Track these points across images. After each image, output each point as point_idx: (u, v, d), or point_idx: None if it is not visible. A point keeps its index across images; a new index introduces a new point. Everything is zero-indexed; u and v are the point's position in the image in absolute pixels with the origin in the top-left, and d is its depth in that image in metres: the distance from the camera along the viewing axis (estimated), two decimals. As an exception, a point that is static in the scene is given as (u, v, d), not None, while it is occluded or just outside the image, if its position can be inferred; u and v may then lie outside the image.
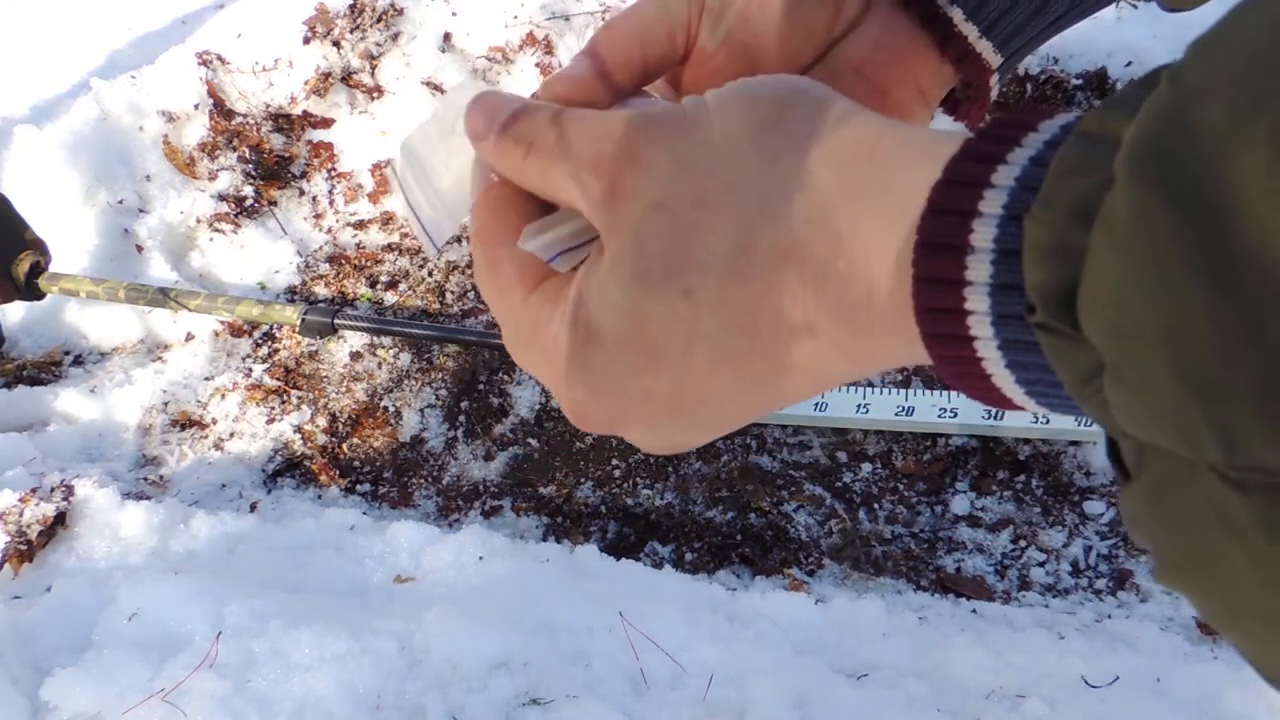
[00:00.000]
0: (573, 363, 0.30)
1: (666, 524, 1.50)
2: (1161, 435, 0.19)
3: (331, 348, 1.75)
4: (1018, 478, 1.48)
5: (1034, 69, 1.77)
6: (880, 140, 0.27)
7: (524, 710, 1.07)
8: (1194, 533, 0.20)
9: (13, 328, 1.78)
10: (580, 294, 0.29)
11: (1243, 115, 0.17)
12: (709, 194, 0.27)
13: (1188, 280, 0.18)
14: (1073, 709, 1.10)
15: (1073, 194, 0.20)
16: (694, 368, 0.28)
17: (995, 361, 0.24)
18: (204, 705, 1.04)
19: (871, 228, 0.25)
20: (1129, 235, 0.19)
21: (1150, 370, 0.19)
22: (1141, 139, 0.19)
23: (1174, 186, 0.18)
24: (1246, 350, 0.17)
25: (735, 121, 0.28)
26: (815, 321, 0.27)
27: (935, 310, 0.24)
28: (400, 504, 1.58)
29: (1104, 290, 0.20)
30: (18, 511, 1.35)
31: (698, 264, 0.27)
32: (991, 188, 0.23)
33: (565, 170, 0.29)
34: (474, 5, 1.92)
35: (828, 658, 1.19)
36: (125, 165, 1.88)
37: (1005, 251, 0.23)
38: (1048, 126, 0.24)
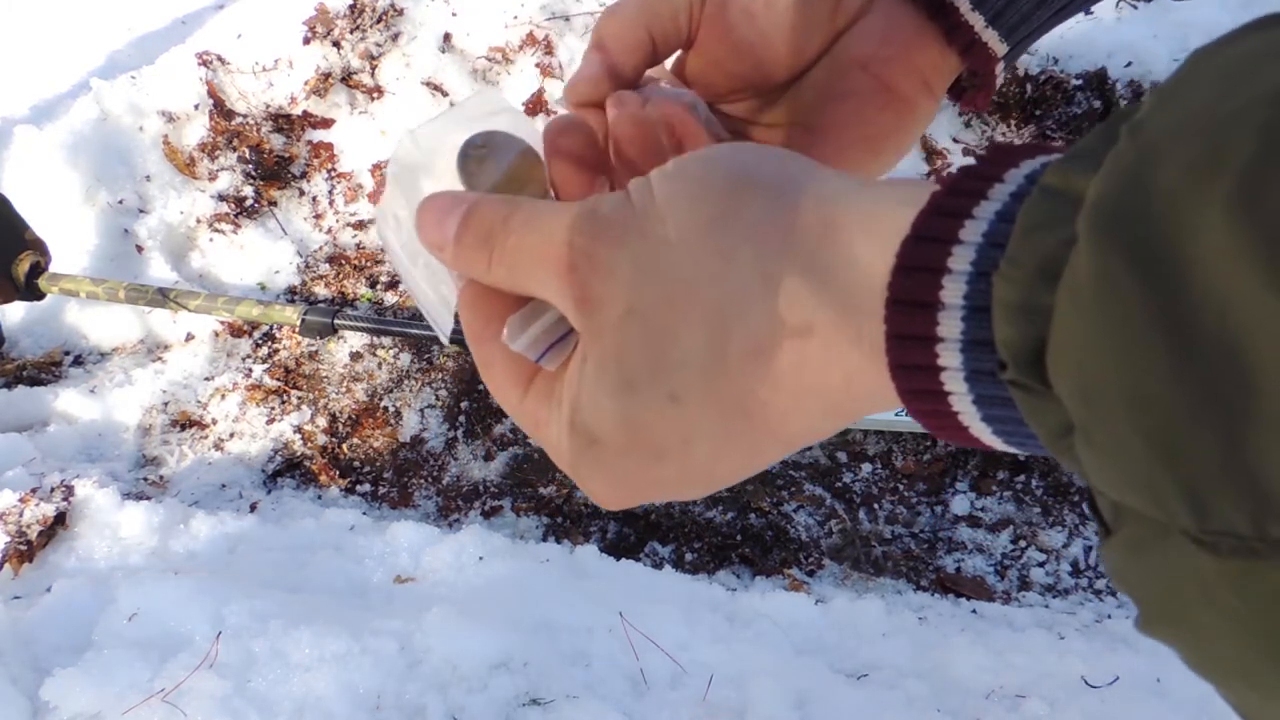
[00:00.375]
0: (579, 467, 0.31)
1: (666, 524, 1.50)
2: (1133, 497, 0.20)
3: (331, 348, 1.75)
4: (1018, 478, 1.48)
5: (1034, 69, 1.77)
6: (835, 215, 0.27)
7: (524, 710, 1.07)
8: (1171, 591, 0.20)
9: (13, 328, 1.78)
10: (573, 401, 0.30)
11: (1197, 178, 0.17)
12: (674, 296, 0.27)
13: (1150, 344, 0.18)
14: (1073, 709, 1.10)
15: (1039, 252, 0.21)
16: (696, 456, 0.29)
17: (971, 415, 0.24)
18: (204, 705, 1.04)
19: (836, 312, 0.26)
20: (1092, 297, 0.19)
21: (1118, 434, 0.19)
22: (1102, 199, 0.19)
23: (1134, 249, 0.18)
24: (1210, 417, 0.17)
25: (686, 218, 0.28)
26: (800, 400, 0.27)
27: (909, 367, 0.24)
28: (400, 504, 1.58)
29: (1069, 351, 0.20)
30: (18, 511, 1.35)
31: (677, 367, 0.28)
32: (960, 244, 0.23)
33: (532, 276, 0.30)
34: (474, 5, 1.92)
35: (828, 658, 1.19)
36: (125, 165, 1.88)
37: (975, 308, 0.23)
38: (1013, 177, 0.24)
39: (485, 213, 0.31)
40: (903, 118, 0.39)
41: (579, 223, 0.29)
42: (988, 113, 1.82)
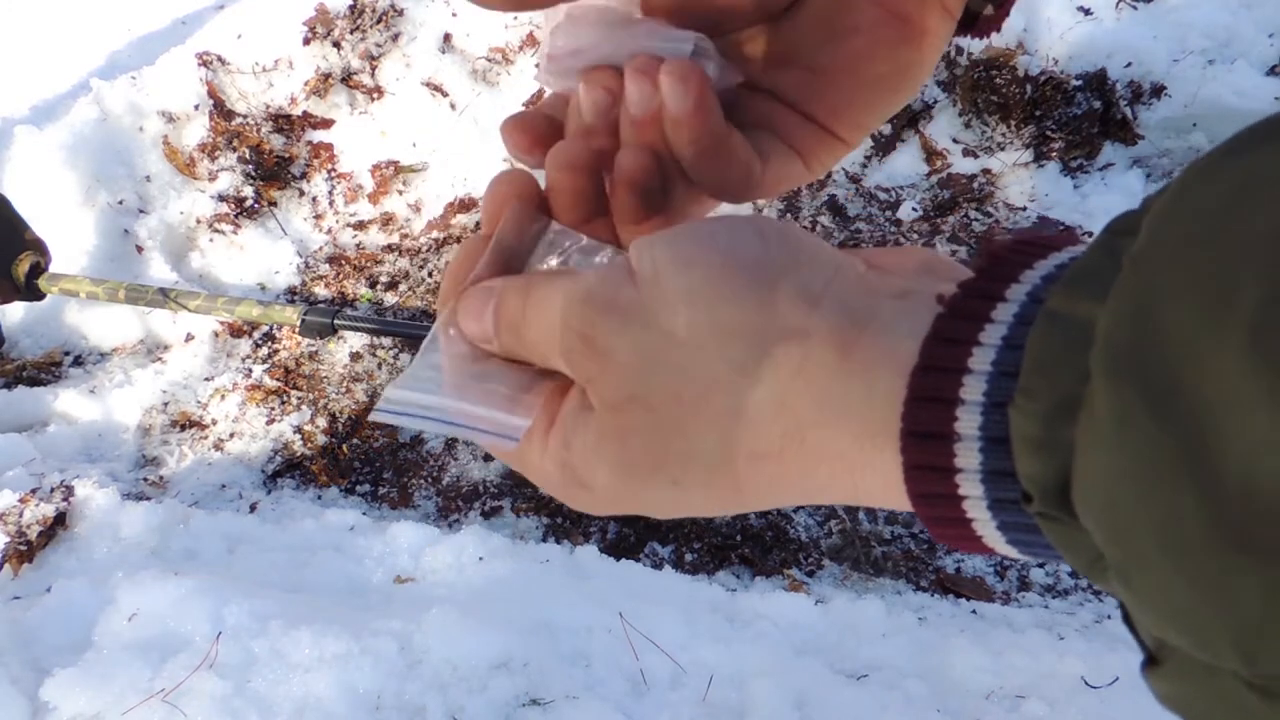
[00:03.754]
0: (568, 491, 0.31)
1: (666, 524, 1.50)
2: (1179, 639, 0.19)
3: (331, 348, 1.75)
4: (1017, 478, 1.48)
5: (1034, 70, 1.77)
6: (850, 339, 0.26)
7: (524, 710, 1.07)
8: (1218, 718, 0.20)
9: (13, 328, 1.78)
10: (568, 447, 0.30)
11: (1209, 322, 0.17)
12: (683, 395, 0.27)
13: (1178, 483, 0.18)
14: (1073, 709, 1.10)
15: (1054, 387, 0.20)
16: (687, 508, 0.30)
17: (996, 539, 0.24)
18: (204, 705, 1.04)
19: (850, 442, 0.26)
20: (1114, 437, 0.19)
21: (1155, 574, 0.19)
22: (1113, 337, 0.19)
23: (1150, 390, 0.18)
24: (1252, 559, 0.17)
25: (701, 318, 0.27)
26: (802, 492, 0.28)
27: (931, 495, 0.24)
28: (400, 504, 1.58)
29: (1095, 489, 0.20)
30: (18, 512, 1.35)
31: (681, 458, 0.28)
32: (970, 373, 0.23)
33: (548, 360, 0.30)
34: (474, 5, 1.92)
35: (828, 658, 1.19)
36: (125, 166, 1.88)
37: (992, 439, 0.23)
38: (1015, 295, 0.24)
39: (509, 304, 0.31)
40: (917, 49, 0.35)
41: (572, 307, 0.29)
42: (988, 114, 1.82)
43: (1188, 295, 0.17)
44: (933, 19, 0.35)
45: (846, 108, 0.35)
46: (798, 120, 0.35)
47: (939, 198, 1.83)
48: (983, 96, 1.80)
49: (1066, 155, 1.80)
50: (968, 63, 1.80)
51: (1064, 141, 1.79)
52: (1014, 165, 1.82)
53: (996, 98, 1.79)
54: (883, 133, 1.85)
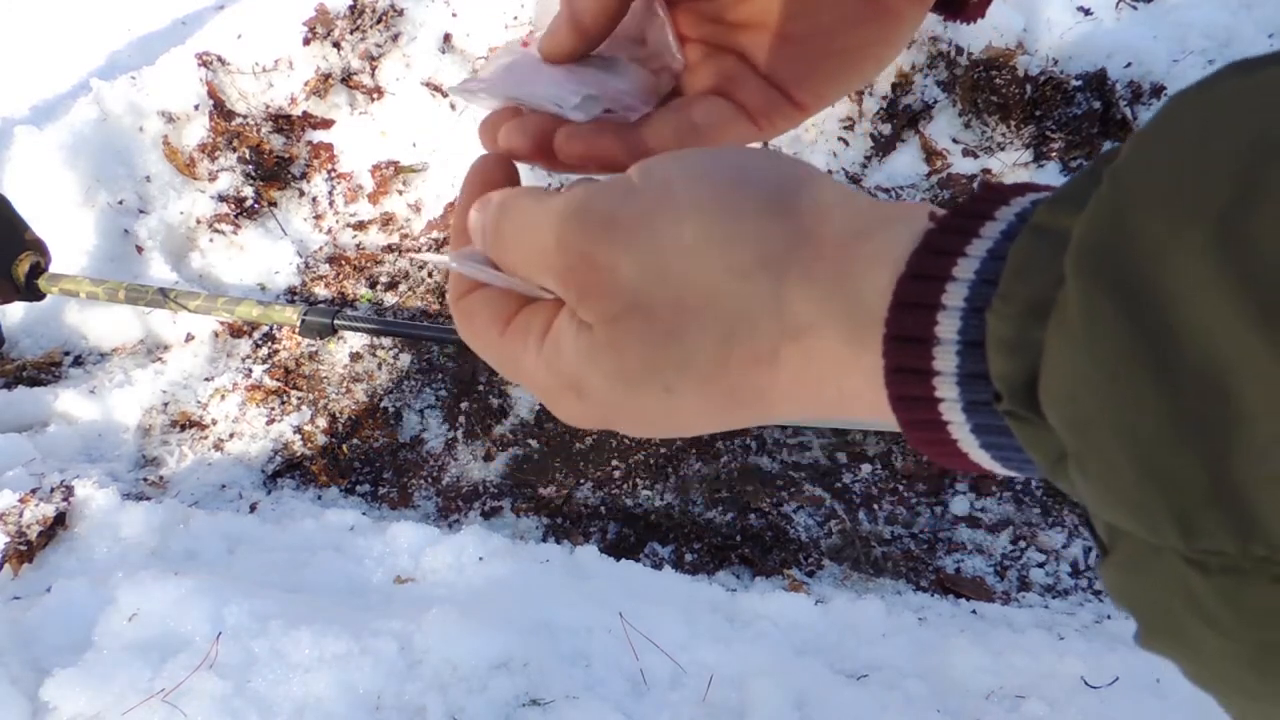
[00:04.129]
0: (558, 403, 0.32)
1: (666, 524, 1.50)
2: (1126, 521, 0.20)
3: (331, 348, 1.75)
4: (1017, 479, 1.49)
5: (1034, 70, 1.77)
6: (847, 247, 0.27)
7: (524, 710, 1.07)
8: (1167, 607, 0.21)
9: (13, 328, 1.78)
10: (556, 347, 0.31)
11: (1179, 223, 0.18)
12: (683, 302, 0.28)
13: (1136, 375, 0.19)
14: (1073, 709, 1.10)
15: (1029, 290, 0.22)
16: (676, 421, 0.31)
17: (970, 443, 0.25)
18: (204, 705, 1.04)
19: (840, 340, 0.27)
20: (1080, 333, 0.20)
21: (1108, 459, 0.20)
22: (1087, 239, 0.20)
23: (1118, 288, 0.19)
24: (1196, 445, 0.18)
25: (703, 227, 0.28)
26: (792, 401, 0.29)
27: (908, 398, 0.25)
28: (400, 504, 1.58)
29: (1060, 384, 0.21)
30: (18, 512, 1.35)
31: (676, 365, 0.29)
32: (953, 280, 0.24)
33: (538, 276, 0.31)
34: (474, 6, 1.93)
35: (828, 658, 1.19)
36: (125, 166, 1.88)
37: (970, 343, 0.24)
38: (1004, 215, 0.25)
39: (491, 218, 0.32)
40: (886, 30, 0.37)
41: (569, 222, 0.29)
42: (988, 114, 1.82)
43: (1159, 200, 0.19)
44: (903, 2, 0.36)
45: (809, 76, 0.37)
46: (759, 84, 0.37)
47: (939, 198, 1.83)
48: (983, 96, 1.80)
49: (1066, 155, 1.80)
50: (968, 63, 1.80)
51: (1064, 141, 1.79)
52: (1014, 165, 1.82)
53: (996, 98, 1.79)
54: (883, 133, 1.85)
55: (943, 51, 1.79)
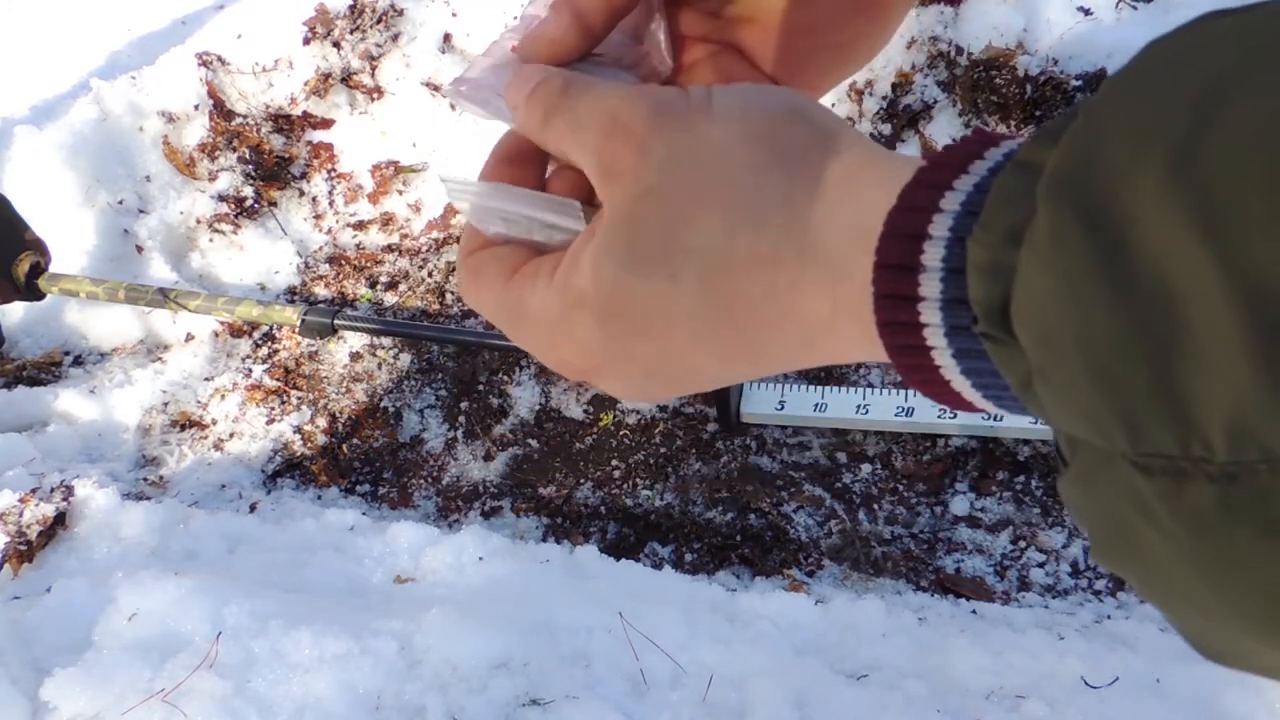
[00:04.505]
0: (558, 330, 0.33)
1: (666, 524, 1.50)
2: (1082, 428, 0.22)
3: (331, 348, 1.75)
4: (1017, 478, 1.48)
5: (1034, 70, 1.77)
6: (859, 170, 0.29)
7: (524, 710, 1.07)
8: (1117, 516, 0.22)
9: (13, 328, 1.78)
10: (572, 264, 0.32)
11: (1138, 148, 0.20)
12: (701, 190, 0.30)
13: (1094, 290, 0.20)
14: (1073, 709, 1.10)
15: (1007, 218, 0.23)
16: (673, 339, 0.31)
17: (952, 369, 0.27)
18: (204, 705, 1.04)
19: (839, 249, 0.28)
20: (1047, 253, 0.21)
21: (1068, 370, 0.21)
22: (1058, 169, 0.21)
23: (1082, 210, 0.20)
24: (1143, 351, 0.20)
25: (736, 126, 0.30)
26: (784, 320, 0.30)
27: (895, 324, 0.27)
28: (400, 504, 1.58)
29: (1029, 302, 0.22)
30: (18, 511, 1.35)
31: (684, 252, 0.30)
32: (940, 212, 0.26)
33: (575, 141, 0.32)
34: (474, 5, 1.92)
35: (828, 658, 1.19)
36: (125, 166, 1.88)
37: (953, 270, 0.25)
38: (992, 154, 0.26)
39: (552, 82, 0.33)
40: (876, 21, 0.39)
41: (630, 101, 0.31)
42: (988, 113, 1.82)
43: (1123, 129, 0.20)
44: None
45: (801, 69, 0.39)
46: (755, 76, 0.39)
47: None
48: (982, 96, 1.80)
49: (1066, 155, 1.80)
50: (968, 63, 1.80)
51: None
52: (1014, 165, 1.81)
53: (996, 98, 1.79)
54: (883, 133, 1.85)
55: (943, 51, 1.79)
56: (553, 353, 0.34)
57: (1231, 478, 0.19)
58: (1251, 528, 0.19)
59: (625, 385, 0.33)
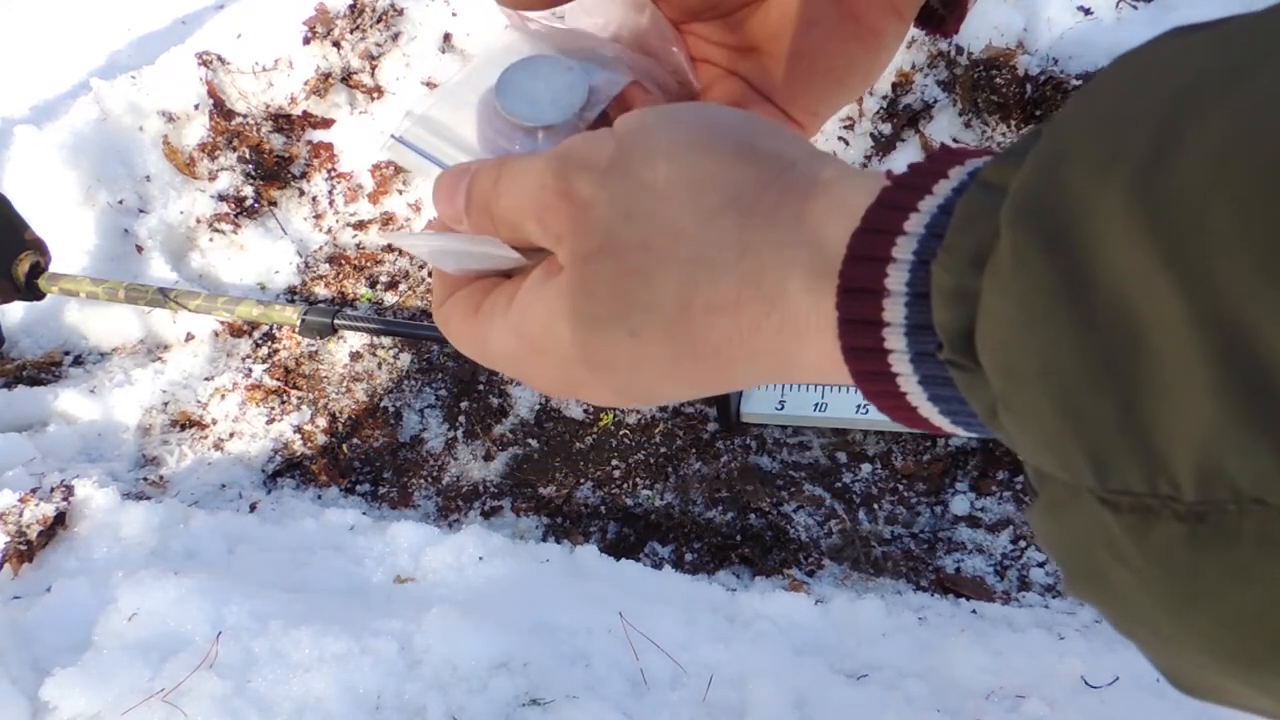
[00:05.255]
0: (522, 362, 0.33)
1: (666, 524, 1.50)
2: (1047, 461, 0.21)
3: (331, 348, 1.75)
4: (1017, 478, 1.48)
5: (1034, 69, 1.77)
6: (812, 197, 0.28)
7: (524, 710, 1.07)
8: (1086, 550, 0.21)
9: (13, 328, 1.78)
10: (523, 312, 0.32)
11: (1100, 171, 0.19)
12: (651, 241, 0.29)
13: (1058, 318, 0.20)
14: (1073, 709, 1.10)
15: (971, 241, 0.22)
16: (640, 379, 0.31)
17: (918, 395, 0.26)
18: (204, 705, 1.04)
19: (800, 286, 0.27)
20: (1009, 278, 0.21)
21: (1032, 402, 0.21)
22: (1020, 190, 0.21)
23: (1044, 233, 0.20)
24: (1108, 383, 0.19)
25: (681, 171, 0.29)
26: (752, 357, 0.29)
27: (860, 349, 0.26)
28: (400, 504, 1.58)
29: (992, 330, 0.21)
30: (18, 511, 1.35)
31: (642, 307, 0.29)
32: (904, 234, 0.25)
33: (521, 226, 0.32)
34: (474, 5, 1.92)
35: (828, 658, 1.19)
36: (125, 165, 1.88)
37: (918, 294, 0.25)
38: (956, 174, 0.25)
39: (481, 181, 0.33)
40: (870, 48, 0.38)
41: (551, 166, 0.30)
42: (988, 113, 1.82)
43: (1086, 150, 0.20)
44: (884, 20, 0.38)
45: (801, 95, 0.39)
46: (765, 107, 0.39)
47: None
48: (982, 96, 1.80)
49: (1066, 155, 1.80)
50: (968, 62, 1.80)
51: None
52: (1014, 165, 1.82)
53: (996, 97, 1.79)
54: (883, 132, 1.85)
55: (943, 51, 1.79)
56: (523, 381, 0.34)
57: (1200, 517, 0.18)
58: (1220, 567, 0.18)
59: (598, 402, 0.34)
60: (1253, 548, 0.18)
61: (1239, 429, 0.17)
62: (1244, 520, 0.18)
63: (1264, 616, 0.18)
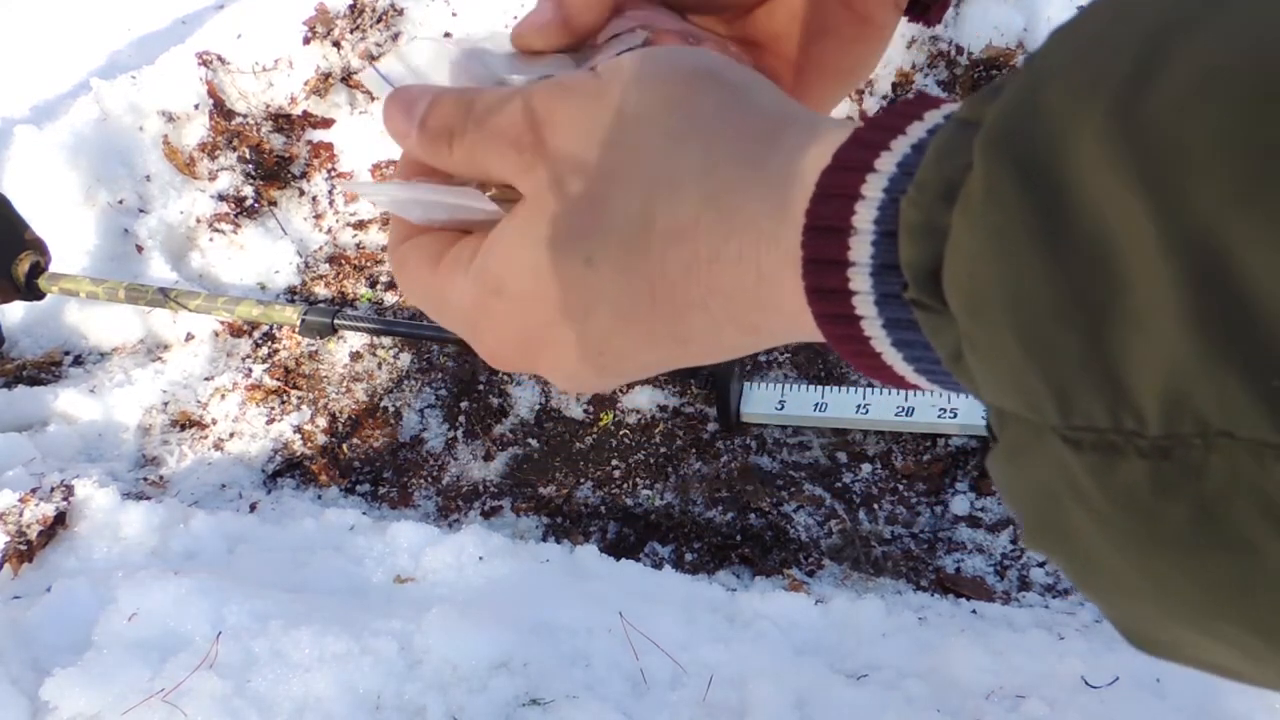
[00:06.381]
0: (477, 319, 0.32)
1: (666, 524, 1.50)
2: (1011, 400, 0.20)
3: (331, 348, 1.75)
4: (1018, 478, 1.48)
5: (1034, 69, 1.78)
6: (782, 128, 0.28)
7: (524, 710, 1.07)
8: (1047, 495, 0.20)
9: (13, 328, 1.78)
10: (488, 249, 0.31)
11: (1077, 99, 0.18)
12: (615, 166, 0.28)
13: (1028, 249, 0.19)
14: (1073, 709, 1.10)
15: (942, 176, 0.21)
16: (595, 324, 0.30)
17: (881, 340, 0.25)
18: (204, 705, 1.04)
19: (763, 213, 0.26)
20: (980, 210, 0.20)
21: (997, 337, 0.20)
22: (995, 121, 0.20)
23: (1019, 164, 0.19)
24: (1077, 315, 0.18)
25: (647, 96, 0.29)
26: (708, 297, 0.28)
27: (823, 290, 0.25)
28: (400, 504, 1.58)
29: (960, 264, 0.21)
30: (18, 511, 1.35)
31: (600, 233, 0.28)
32: (874, 172, 0.24)
33: (488, 151, 0.30)
34: (474, 5, 1.93)
35: (828, 658, 1.19)
36: (125, 165, 1.88)
37: (886, 233, 0.24)
38: (932, 116, 0.25)
39: (445, 107, 0.32)
40: (874, 45, 0.39)
41: (538, 93, 0.30)
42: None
43: (1063, 79, 0.19)
44: (889, 16, 0.38)
45: (805, 95, 0.39)
46: None
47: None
48: (983, 96, 1.80)
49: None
50: (968, 62, 1.80)
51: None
52: (1014, 165, 1.82)
53: (996, 97, 1.79)
54: (883, 132, 1.85)
55: (943, 51, 1.79)
56: (480, 342, 0.33)
57: (1164, 453, 0.17)
58: (1185, 507, 0.18)
59: (558, 372, 0.32)
60: (1218, 485, 0.17)
61: (1209, 357, 0.16)
62: (1210, 455, 0.17)
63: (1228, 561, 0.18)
